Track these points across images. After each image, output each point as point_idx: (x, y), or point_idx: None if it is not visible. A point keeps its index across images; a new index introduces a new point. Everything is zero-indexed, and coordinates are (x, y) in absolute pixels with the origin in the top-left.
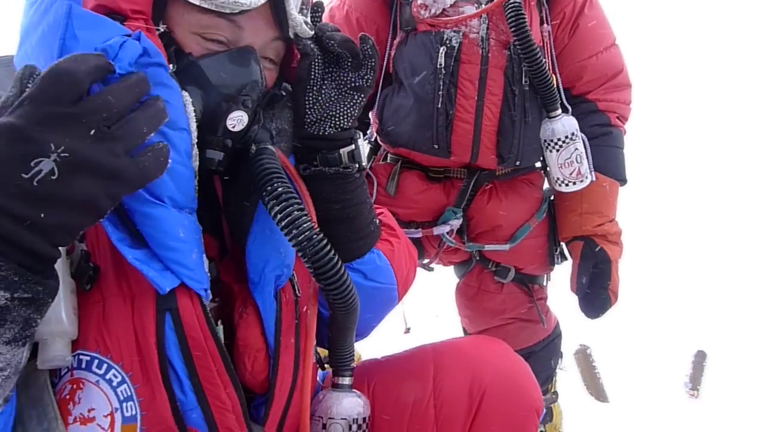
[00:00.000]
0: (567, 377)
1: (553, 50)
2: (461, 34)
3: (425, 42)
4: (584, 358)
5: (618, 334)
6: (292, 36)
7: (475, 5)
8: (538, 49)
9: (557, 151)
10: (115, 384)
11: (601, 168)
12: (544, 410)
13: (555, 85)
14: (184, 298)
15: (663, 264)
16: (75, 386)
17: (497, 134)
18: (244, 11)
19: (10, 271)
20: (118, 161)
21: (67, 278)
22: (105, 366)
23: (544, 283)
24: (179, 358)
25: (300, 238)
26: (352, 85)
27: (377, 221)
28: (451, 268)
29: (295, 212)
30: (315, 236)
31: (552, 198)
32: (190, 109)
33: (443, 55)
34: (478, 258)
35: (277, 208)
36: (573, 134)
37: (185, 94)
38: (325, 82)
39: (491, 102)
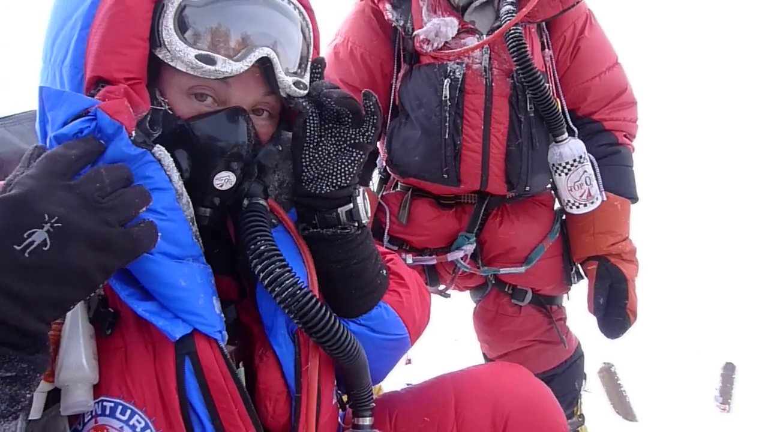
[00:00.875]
0: (593, 398)
1: (556, 74)
2: (464, 65)
3: (429, 75)
4: (609, 376)
5: (642, 350)
6: (284, 95)
7: (477, 36)
8: (541, 76)
9: (566, 174)
10: (138, 429)
11: (611, 187)
12: None
13: (560, 110)
14: (201, 341)
15: (682, 277)
16: None
17: (505, 162)
18: (228, 77)
19: None
20: (110, 230)
21: (85, 323)
22: (128, 412)
23: (562, 303)
24: (200, 402)
25: (283, 295)
26: (352, 141)
27: (384, 272)
28: (468, 292)
29: (277, 270)
30: (298, 291)
31: (564, 217)
32: (168, 161)
33: (447, 86)
34: (493, 282)
35: (259, 267)
36: (581, 157)
37: (159, 149)
38: (323, 138)
39: (497, 130)
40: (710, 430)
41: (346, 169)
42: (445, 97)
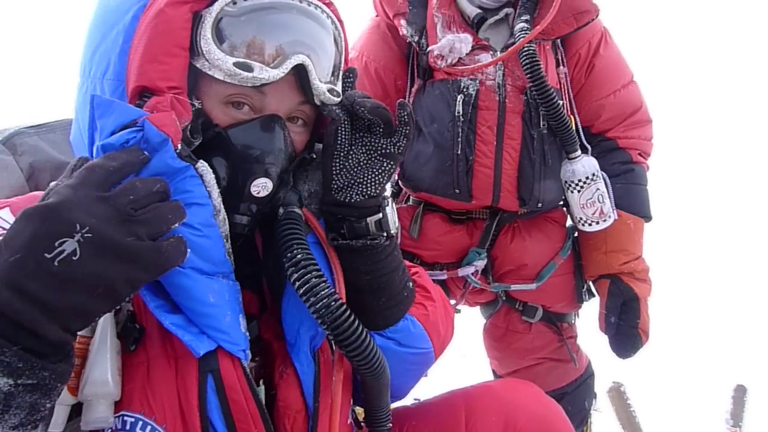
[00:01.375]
0: (602, 418)
1: (570, 91)
2: (478, 81)
3: (443, 90)
4: (618, 395)
5: (652, 370)
6: (318, 103)
7: (491, 53)
8: (554, 94)
9: (578, 191)
10: None
11: (624, 206)
12: None
13: (573, 127)
14: (225, 359)
15: (695, 297)
16: None
17: (518, 178)
18: (265, 84)
19: (14, 357)
20: (140, 244)
21: (113, 339)
22: (149, 428)
23: (573, 321)
24: (220, 420)
25: (318, 305)
26: (383, 151)
27: (410, 284)
28: (477, 307)
29: (313, 279)
30: (333, 303)
31: (576, 235)
32: (210, 178)
33: (461, 102)
34: (504, 298)
35: (295, 276)
36: (594, 174)
37: (202, 165)
38: (353, 147)
39: (510, 146)
40: None
41: (376, 178)
42: (458, 112)
